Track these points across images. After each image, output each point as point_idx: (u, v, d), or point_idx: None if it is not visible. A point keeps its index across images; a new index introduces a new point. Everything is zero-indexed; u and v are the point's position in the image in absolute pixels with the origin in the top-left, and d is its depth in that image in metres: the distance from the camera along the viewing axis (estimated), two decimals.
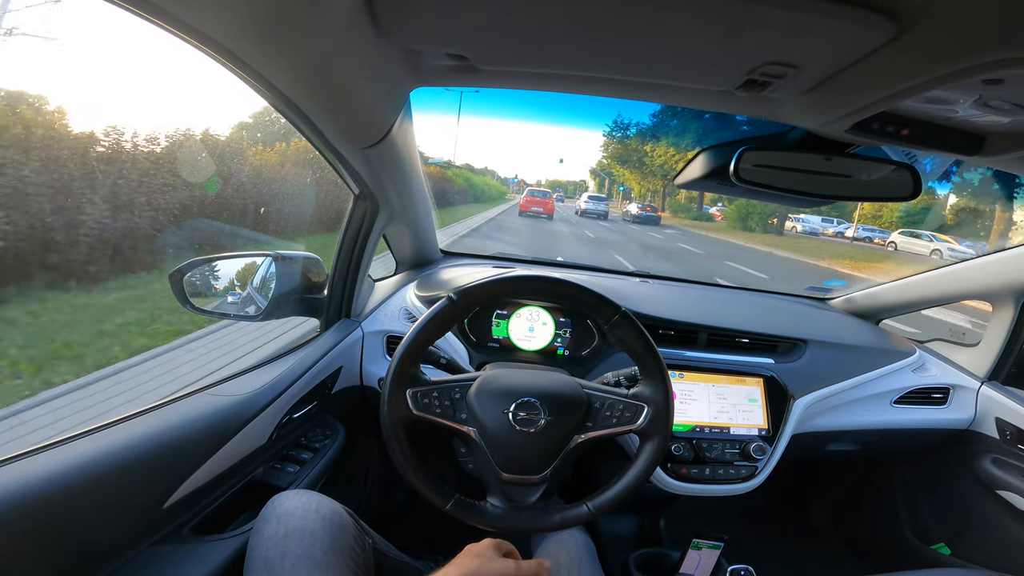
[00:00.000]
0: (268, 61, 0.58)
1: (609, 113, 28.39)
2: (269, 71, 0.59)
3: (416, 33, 0.62)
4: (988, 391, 1.36)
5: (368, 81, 0.68)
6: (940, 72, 0.52)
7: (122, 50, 4.73)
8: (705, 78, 0.68)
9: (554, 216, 17.03)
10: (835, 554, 1.69)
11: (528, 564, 0.71)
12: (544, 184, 50.22)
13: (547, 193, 19.25)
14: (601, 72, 0.69)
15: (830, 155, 0.82)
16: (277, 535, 0.69)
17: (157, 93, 5.16)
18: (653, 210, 20.27)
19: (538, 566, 0.72)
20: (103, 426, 0.67)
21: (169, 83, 5.74)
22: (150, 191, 3.13)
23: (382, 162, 0.92)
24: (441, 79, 0.75)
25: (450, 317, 0.76)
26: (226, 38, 0.52)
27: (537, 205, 17.00)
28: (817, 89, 0.64)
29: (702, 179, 0.93)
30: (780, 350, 1.30)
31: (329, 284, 1.12)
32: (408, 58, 0.69)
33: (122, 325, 2.84)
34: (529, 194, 18.22)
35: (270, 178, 4.68)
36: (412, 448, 0.74)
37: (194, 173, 3.61)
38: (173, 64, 4.17)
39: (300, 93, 0.66)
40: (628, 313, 0.77)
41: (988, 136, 0.71)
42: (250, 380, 0.90)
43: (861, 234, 17.56)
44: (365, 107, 0.74)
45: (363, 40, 0.59)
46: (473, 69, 0.70)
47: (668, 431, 0.76)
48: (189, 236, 3.39)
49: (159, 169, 3.25)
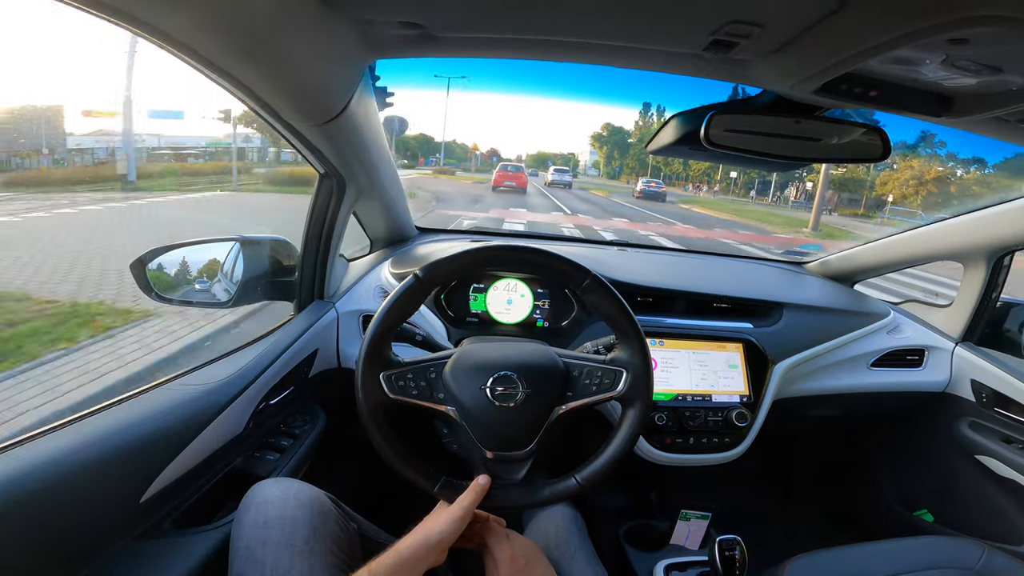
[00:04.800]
0: (202, 36, 0.54)
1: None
2: (203, 46, 0.56)
3: (363, 1, 0.59)
4: (963, 352, 1.38)
5: (317, 55, 0.65)
6: (904, 30, 0.51)
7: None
8: (671, 40, 0.66)
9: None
10: (821, 521, 1.73)
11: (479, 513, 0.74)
12: (525, 159, 50.27)
13: (520, 168, 20.42)
14: (565, 35, 0.66)
15: (800, 118, 0.81)
16: (257, 524, 0.68)
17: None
18: (658, 185, 21.28)
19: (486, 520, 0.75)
20: (68, 422, 0.66)
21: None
22: None
23: (344, 137, 0.89)
24: (398, 50, 0.72)
25: (418, 294, 0.73)
26: (149, 15, 0.49)
27: (510, 179, 17.88)
28: (784, 50, 0.63)
29: (674, 144, 0.92)
30: (758, 314, 1.31)
31: (299, 266, 1.10)
32: (360, 29, 0.66)
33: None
34: (501, 169, 19.18)
35: None
36: (393, 432, 0.73)
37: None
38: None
39: (244, 69, 0.63)
40: (599, 276, 0.75)
41: (956, 98, 0.70)
42: (220, 368, 0.88)
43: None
44: (317, 82, 0.71)
45: (306, 11, 0.56)
46: (430, 38, 0.67)
47: (649, 396, 0.75)
48: None
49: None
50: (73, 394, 2.02)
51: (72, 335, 2.45)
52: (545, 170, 31.77)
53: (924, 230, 1.37)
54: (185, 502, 0.79)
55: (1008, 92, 0.64)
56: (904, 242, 1.43)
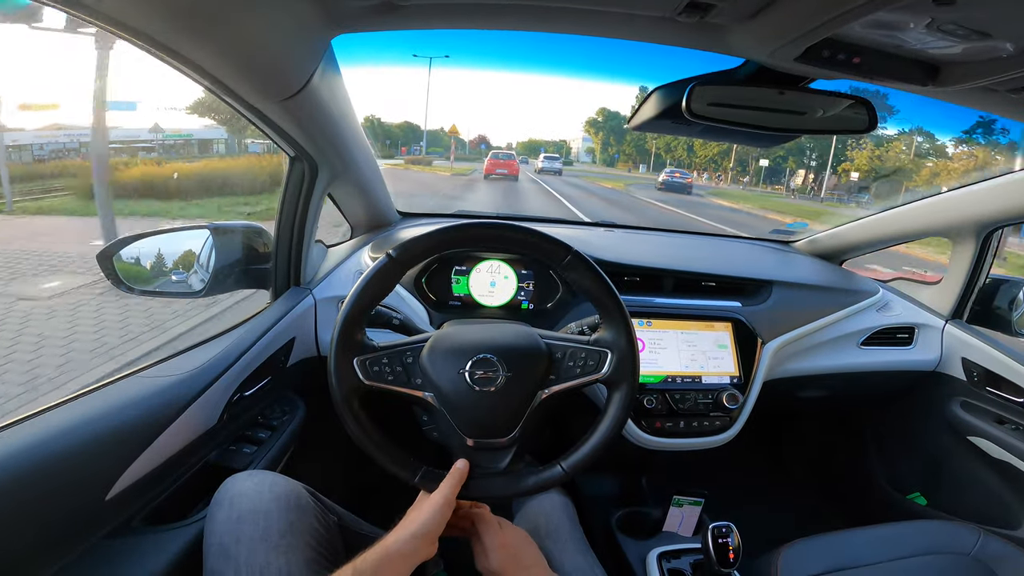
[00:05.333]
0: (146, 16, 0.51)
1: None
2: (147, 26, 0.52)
3: None
4: (953, 330, 1.37)
5: (274, 29, 0.62)
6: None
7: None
8: (645, 2, 0.62)
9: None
10: (815, 505, 1.73)
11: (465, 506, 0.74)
12: (516, 146, 50.32)
13: (511, 155, 20.85)
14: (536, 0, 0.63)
15: (784, 89, 0.78)
16: (230, 519, 0.66)
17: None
18: (683, 176, 21.15)
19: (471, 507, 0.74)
20: (24, 418, 0.63)
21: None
22: None
23: (308, 115, 0.86)
24: (363, 23, 0.69)
25: (392, 275, 0.71)
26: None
27: (502, 167, 18.24)
28: (762, 13, 0.60)
29: (656, 119, 0.90)
30: (746, 292, 1.30)
31: (274, 253, 1.07)
32: (319, 1, 0.62)
33: None
34: (493, 157, 19.52)
35: None
36: (372, 420, 0.70)
37: None
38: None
39: (194, 48, 0.59)
40: (580, 253, 0.72)
41: (943, 66, 0.68)
42: (189, 359, 0.85)
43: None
44: (275, 57, 0.68)
45: None
46: (394, 7, 0.64)
47: (635, 377, 0.73)
48: None
49: None
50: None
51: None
52: (535, 157, 32.30)
53: (912, 206, 1.35)
54: (156, 498, 0.76)
55: (997, 60, 0.62)
56: (892, 219, 1.41)
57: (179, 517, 0.76)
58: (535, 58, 45.62)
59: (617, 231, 1.61)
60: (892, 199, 21.45)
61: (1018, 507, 1.23)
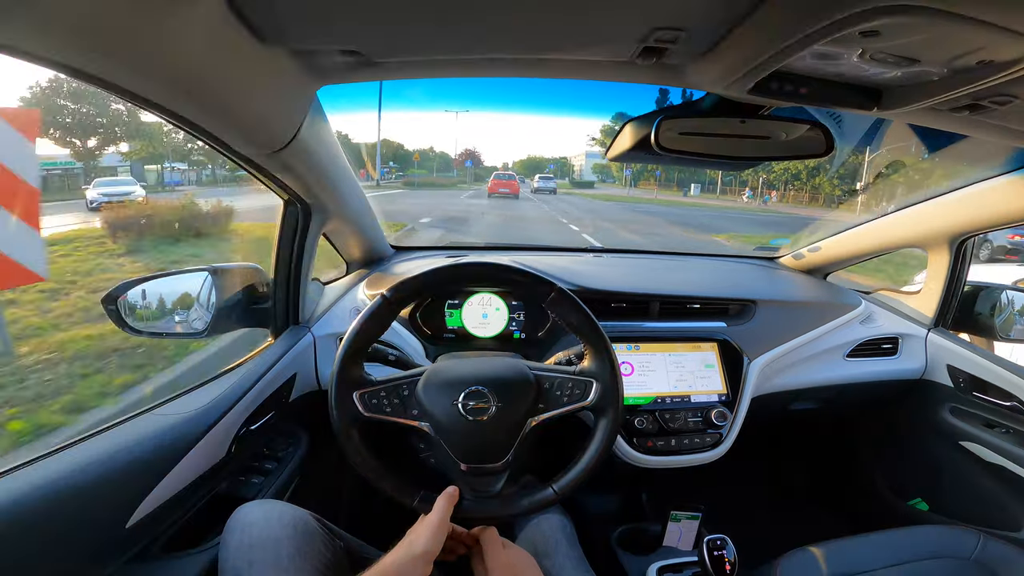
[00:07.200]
0: (140, 79, 0.56)
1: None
2: (142, 89, 0.57)
3: (297, 33, 0.61)
4: (936, 338, 1.39)
5: (261, 87, 0.67)
6: (817, 26, 0.53)
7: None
8: (604, 50, 0.68)
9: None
10: (814, 515, 1.72)
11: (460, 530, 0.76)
12: (512, 165, 51.33)
13: (511, 176, 23.17)
14: (499, 52, 0.68)
15: (745, 118, 0.83)
16: (242, 546, 0.70)
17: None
18: (552, 180, 27.89)
19: (476, 533, 0.75)
20: (47, 454, 0.67)
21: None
22: None
23: (299, 162, 0.91)
24: (344, 76, 0.74)
25: (386, 314, 0.76)
26: (65, 57, 0.49)
27: (504, 187, 20.10)
28: (712, 52, 0.65)
29: (631, 151, 0.93)
30: (731, 313, 1.32)
31: (272, 293, 1.11)
32: (301, 60, 0.68)
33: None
34: (496, 177, 21.75)
35: None
36: (372, 449, 0.74)
37: None
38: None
39: (188, 107, 0.64)
40: (563, 289, 0.77)
41: (884, 91, 0.72)
42: (197, 397, 0.89)
43: None
44: (264, 112, 0.73)
45: (242, 47, 0.57)
46: (371, 63, 0.69)
47: (619, 405, 0.77)
48: None
49: None
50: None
51: None
52: (530, 178, 34.76)
53: (887, 219, 1.39)
54: (172, 527, 0.80)
55: (931, 82, 0.66)
56: (869, 232, 1.45)
57: (193, 544, 0.80)
58: (513, 97, 46.11)
59: (605, 256, 1.64)
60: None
61: (1017, 509, 1.24)
